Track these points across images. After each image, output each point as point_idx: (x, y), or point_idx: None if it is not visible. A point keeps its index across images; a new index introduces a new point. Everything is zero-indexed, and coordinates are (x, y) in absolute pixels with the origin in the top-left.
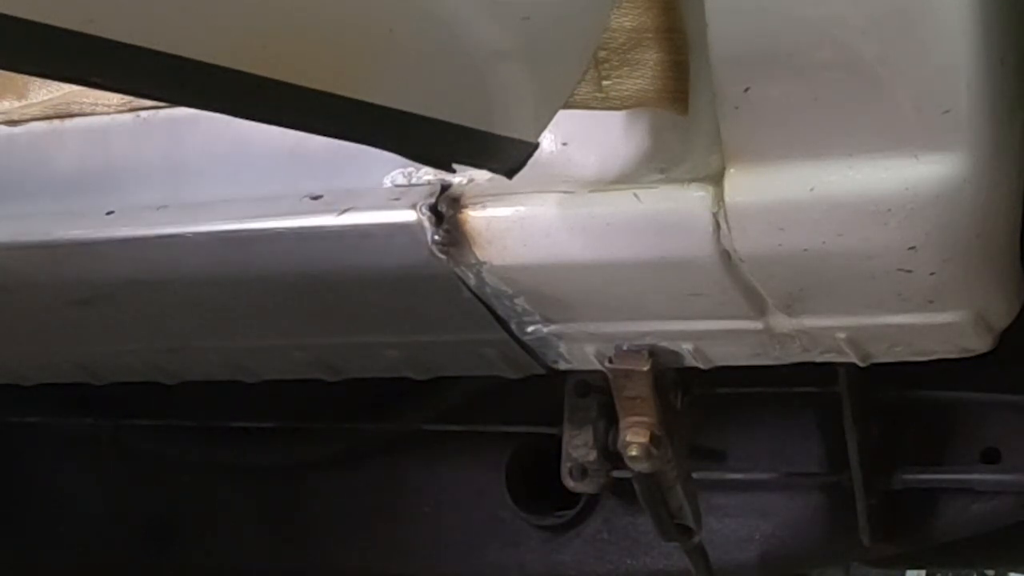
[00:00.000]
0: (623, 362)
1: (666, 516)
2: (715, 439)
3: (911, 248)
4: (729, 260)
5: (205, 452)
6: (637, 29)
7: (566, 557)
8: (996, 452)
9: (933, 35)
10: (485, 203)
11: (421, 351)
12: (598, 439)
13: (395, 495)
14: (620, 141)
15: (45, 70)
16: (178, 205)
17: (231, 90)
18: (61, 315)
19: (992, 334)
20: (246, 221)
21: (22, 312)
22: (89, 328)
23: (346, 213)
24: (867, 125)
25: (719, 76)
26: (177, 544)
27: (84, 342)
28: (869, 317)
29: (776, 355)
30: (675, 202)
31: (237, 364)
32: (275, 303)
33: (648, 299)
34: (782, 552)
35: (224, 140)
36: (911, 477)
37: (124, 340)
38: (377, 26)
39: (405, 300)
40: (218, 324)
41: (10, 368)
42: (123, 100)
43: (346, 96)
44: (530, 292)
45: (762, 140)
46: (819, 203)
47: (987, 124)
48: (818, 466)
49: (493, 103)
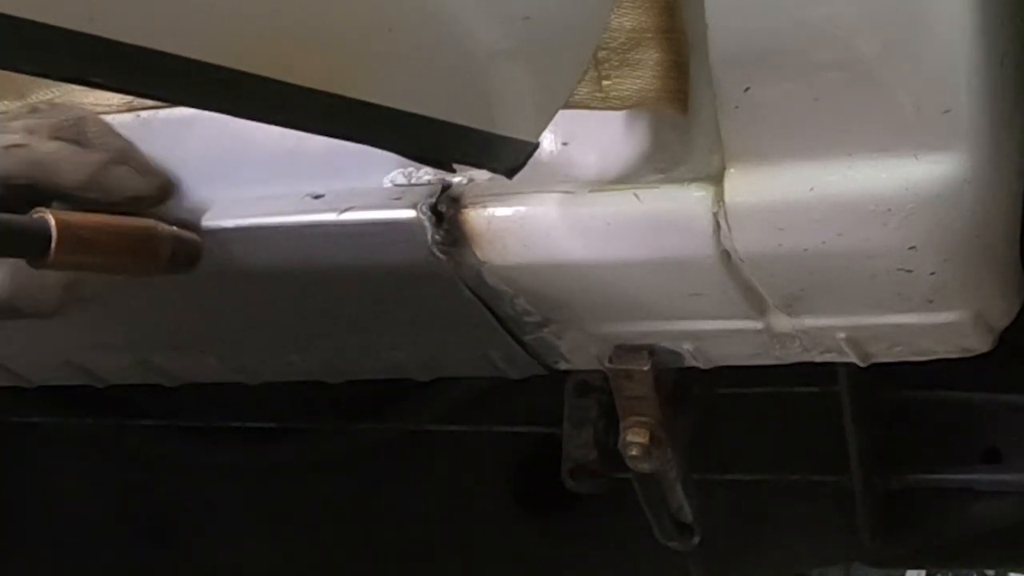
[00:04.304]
0: (623, 362)
1: (666, 516)
2: (715, 439)
3: (911, 248)
4: (729, 260)
5: (205, 452)
6: (637, 29)
7: (566, 557)
8: (997, 452)
9: (933, 35)
10: (485, 203)
11: (421, 351)
12: (598, 439)
13: (395, 495)
14: (620, 141)
15: (45, 70)
16: (178, 205)
17: (231, 90)
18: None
19: (992, 334)
20: (246, 219)
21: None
22: (88, 327)
23: (346, 212)
24: (867, 125)
25: (719, 76)
26: (177, 544)
27: (83, 342)
28: (869, 317)
29: (776, 355)
30: (675, 202)
31: (238, 364)
32: (275, 302)
33: (648, 299)
34: (782, 552)
35: (224, 140)
36: (911, 477)
37: (123, 339)
38: (377, 26)
39: (405, 300)
40: (218, 324)
41: (10, 369)
42: (123, 100)
43: (345, 96)
44: (530, 292)
45: (762, 140)
46: (819, 203)
47: (987, 124)
48: (818, 466)
49: (493, 103)
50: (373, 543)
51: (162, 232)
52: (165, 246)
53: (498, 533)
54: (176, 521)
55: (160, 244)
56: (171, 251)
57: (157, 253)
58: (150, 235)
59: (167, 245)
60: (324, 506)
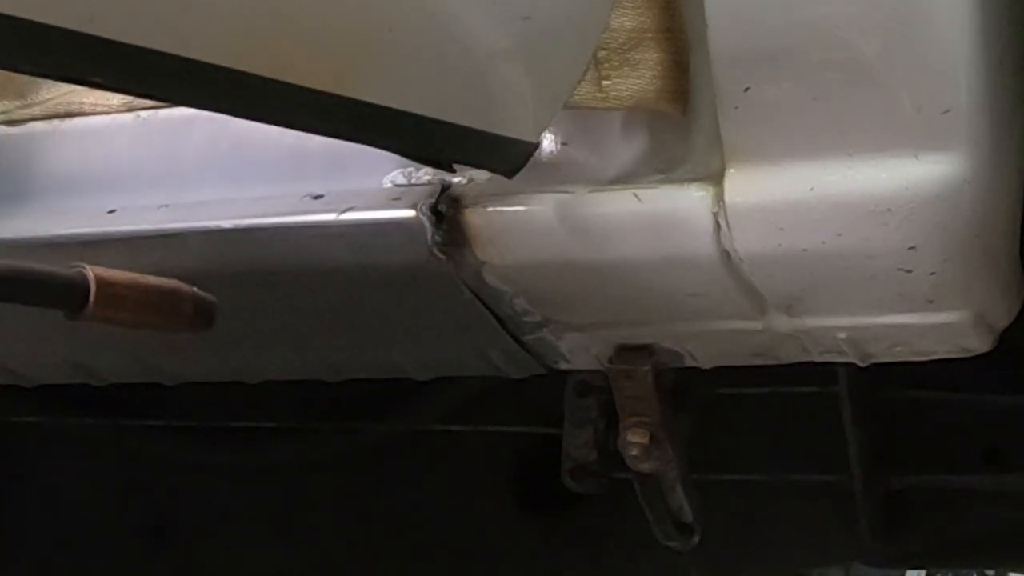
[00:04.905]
0: (623, 362)
1: (666, 516)
2: (715, 439)
3: (911, 248)
4: (729, 260)
5: (205, 452)
6: (637, 29)
7: (566, 557)
8: (997, 452)
9: (933, 35)
10: (485, 203)
11: (421, 351)
12: (598, 439)
13: (395, 495)
14: (620, 141)
15: (45, 70)
16: (179, 205)
17: (231, 90)
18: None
19: (992, 334)
20: (247, 219)
21: (22, 311)
22: (88, 327)
23: (346, 212)
24: (867, 125)
25: (719, 76)
26: (176, 544)
27: (83, 341)
28: (869, 317)
29: (776, 355)
30: (675, 202)
31: (237, 364)
32: (276, 302)
33: (648, 299)
34: (783, 552)
35: (224, 140)
36: (911, 477)
37: (123, 339)
38: (377, 26)
39: (405, 300)
40: (217, 323)
41: (10, 369)
42: (123, 100)
43: (346, 96)
44: (530, 292)
45: (762, 140)
46: (819, 203)
47: (987, 124)
48: (818, 466)
49: (493, 103)
50: (373, 543)
51: (184, 292)
52: (188, 305)
53: (498, 533)
54: (175, 521)
55: (183, 303)
56: (192, 309)
57: (180, 311)
58: (174, 294)
59: (189, 304)
60: (324, 506)
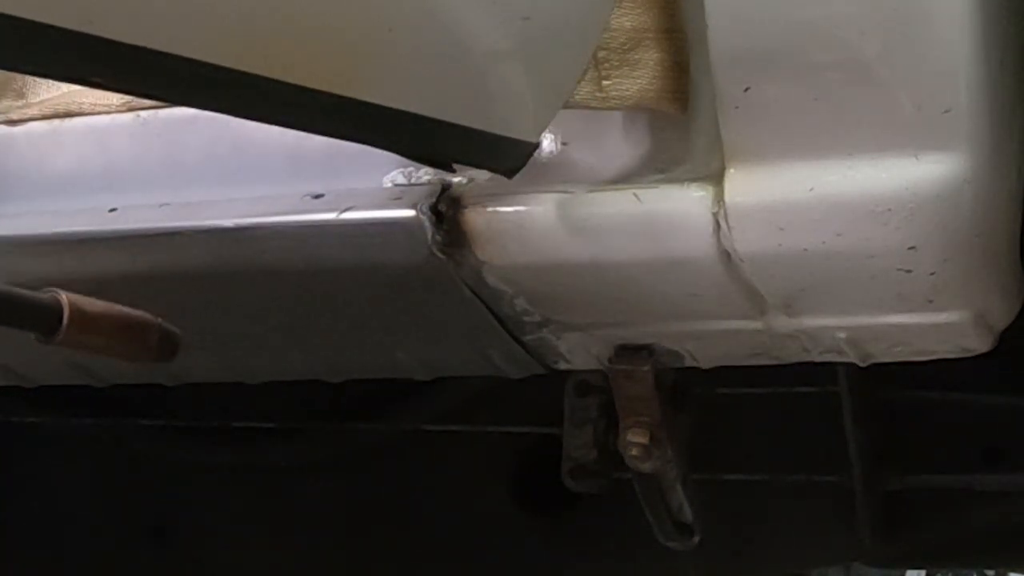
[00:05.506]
0: (623, 362)
1: (666, 516)
2: (715, 439)
3: (911, 248)
4: (729, 260)
5: (205, 452)
6: (637, 29)
7: (566, 557)
8: (997, 452)
9: (933, 35)
10: (485, 203)
11: (421, 351)
12: (598, 439)
13: (395, 495)
14: (620, 141)
15: (45, 70)
16: (179, 204)
17: (231, 90)
18: None
19: (992, 334)
20: (247, 218)
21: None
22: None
23: (347, 212)
24: (867, 125)
25: (719, 76)
26: (176, 543)
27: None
28: (869, 317)
29: (776, 355)
30: (675, 202)
31: (237, 364)
32: (276, 301)
33: (648, 299)
34: (782, 552)
35: (224, 140)
36: (911, 477)
37: None
38: (376, 26)
39: (405, 300)
40: (218, 323)
41: (11, 369)
42: (123, 100)
43: (346, 96)
44: (530, 292)
45: (762, 140)
46: (819, 203)
47: (987, 124)
48: (818, 466)
49: (493, 103)
50: (373, 543)
51: (151, 323)
52: (153, 335)
53: (498, 533)
54: (175, 521)
55: (149, 333)
56: (157, 339)
57: (146, 341)
58: (142, 324)
59: (155, 335)
60: (324, 506)
